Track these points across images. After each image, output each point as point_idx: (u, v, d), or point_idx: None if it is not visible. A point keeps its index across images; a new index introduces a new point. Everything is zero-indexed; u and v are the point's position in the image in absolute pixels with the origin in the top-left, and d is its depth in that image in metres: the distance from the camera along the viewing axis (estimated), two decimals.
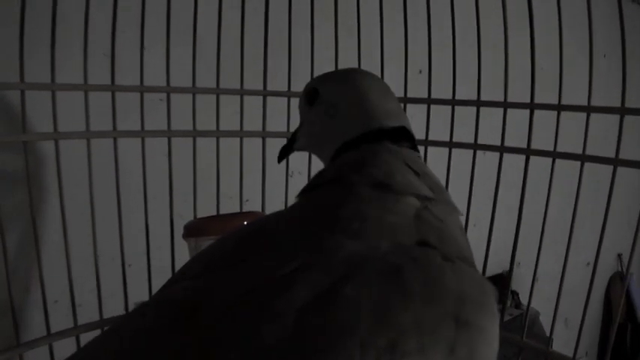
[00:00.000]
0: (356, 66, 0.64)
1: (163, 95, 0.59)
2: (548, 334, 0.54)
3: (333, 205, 0.35)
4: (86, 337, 0.53)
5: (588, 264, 1.37)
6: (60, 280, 0.54)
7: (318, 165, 0.65)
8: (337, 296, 0.26)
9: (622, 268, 1.91)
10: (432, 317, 0.27)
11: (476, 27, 0.58)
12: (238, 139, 0.63)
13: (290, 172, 0.66)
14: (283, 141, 0.64)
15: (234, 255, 0.32)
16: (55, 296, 0.58)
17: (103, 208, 0.56)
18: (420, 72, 0.62)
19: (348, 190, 0.35)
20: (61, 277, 0.54)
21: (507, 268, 0.63)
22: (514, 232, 0.56)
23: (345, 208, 0.34)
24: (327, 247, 0.30)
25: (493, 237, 0.57)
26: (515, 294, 1.46)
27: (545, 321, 1.43)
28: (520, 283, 1.45)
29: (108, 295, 0.56)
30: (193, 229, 0.56)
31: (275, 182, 0.65)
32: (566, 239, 0.53)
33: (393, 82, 0.62)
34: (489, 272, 0.55)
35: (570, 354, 0.52)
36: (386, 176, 0.35)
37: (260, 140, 0.64)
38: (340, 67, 0.64)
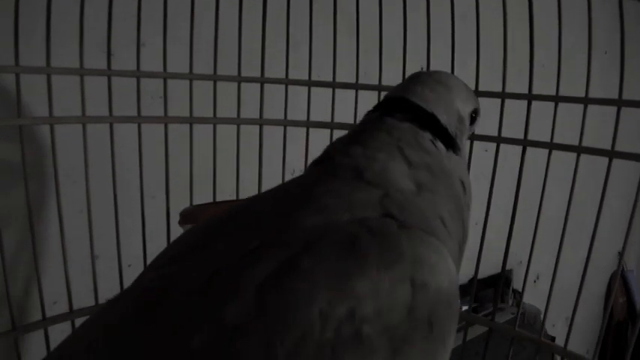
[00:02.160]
0: (354, 60, 0.63)
1: (161, 92, 0.59)
2: (549, 332, 0.54)
3: (309, 184, 0.35)
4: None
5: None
6: (60, 280, 0.54)
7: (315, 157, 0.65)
8: (295, 269, 0.27)
9: (623, 266, 1.90)
10: (388, 282, 0.27)
11: (475, 17, 0.58)
12: (235, 133, 0.63)
13: (292, 170, 0.66)
14: (281, 129, 0.65)
15: (203, 240, 0.32)
16: (54, 297, 0.59)
17: (100, 200, 0.56)
18: (422, 68, 0.62)
19: (330, 169, 0.36)
20: (60, 277, 0.54)
21: (508, 267, 0.62)
22: (517, 229, 0.56)
23: (317, 187, 0.34)
24: (290, 223, 0.31)
25: (494, 236, 0.57)
26: (516, 292, 1.45)
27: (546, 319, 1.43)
28: (520, 282, 1.44)
29: (108, 295, 0.56)
30: (189, 216, 0.56)
31: (272, 176, 0.65)
32: (569, 237, 0.53)
33: (392, 76, 0.63)
34: (489, 272, 0.55)
35: (570, 350, 0.52)
36: (364, 164, 0.36)
37: (257, 131, 0.64)
38: (339, 53, 0.64)
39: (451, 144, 0.39)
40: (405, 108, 0.39)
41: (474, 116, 0.44)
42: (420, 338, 0.28)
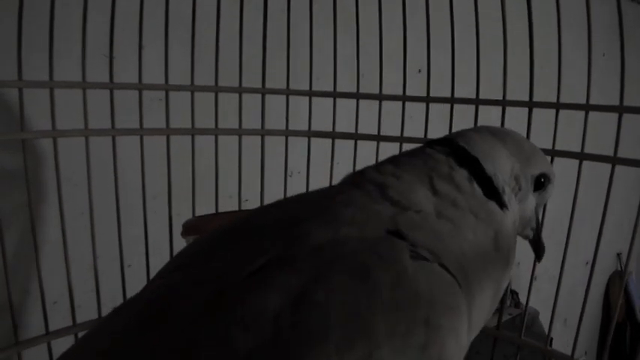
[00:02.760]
0: (354, 65, 0.64)
1: (162, 95, 0.59)
2: (547, 333, 0.54)
3: (331, 191, 0.36)
4: None
5: (587, 263, 1.38)
6: (59, 280, 0.54)
7: (317, 165, 0.65)
8: (309, 303, 0.27)
9: (621, 268, 1.91)
10: (403, 322, 0.27)
11: (475, 25, 0.58)
12: (237, 139, 0.63)
13: (289, 172, 0.66)
14: (282, 139, 0.65)
15: (210, 250, 0.32)
16: (54, 297, 0.58)
17: (102, 209, 0.56)
18: (420, 71, 0.62)
19: (357, 181, 0.36)
20: (60, 277, 0.54)
21: None
22: None
23: (336, 195, 0.34)
24: (300, 235, 0.30)
25: None
26: (514, 293, 1.46)
27: (544, 320, 1.43)
28: (519, 283, 1.45)
29: (108, 295, 0.56)
30: (192, 227, 0.56)
31: (274, 182, 0.65)
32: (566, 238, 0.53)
33: (392, 81, 0.63)
34: None
35: (569, 353, 0.52)
36: (390, 182, 0.35)
37: (259, 139, 0.64)
38: (339, 60, 0.64)
39: (495, 196, 0.37)
40: (450, 146, 0.38)
41: (542, 181, 0.41)
42: None
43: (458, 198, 0.35)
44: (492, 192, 0.37)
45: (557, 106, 0.54)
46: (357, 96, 0.64)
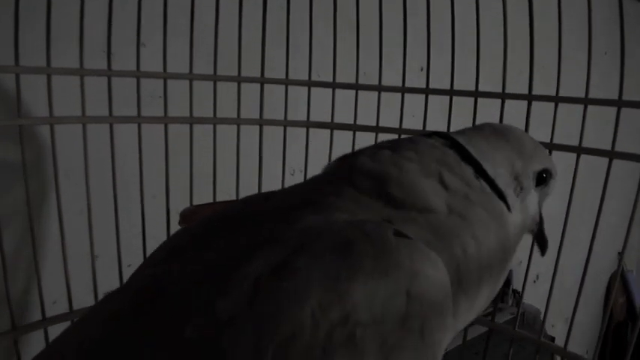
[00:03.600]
0: (354, 56, 0.63)
1: (161, 91, 0.59)
2: (548, 332, 0.54)
3: (322, 181, 0.36)
4: None
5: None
6: (59, 280, 0.54)
7: (315, 162, 0.65)
8: (289, 268, 0.27)
9: (623, 267, 1.90)
10: (384, 291, 0.27)
11: (475, 18, 0.58)
12: (235, 135, 0.63)
13: (291, 171, 0.66)
14: (280, 130, 0.65)
15: (201, 236, 0.33)
16: (54, 297, 0.59)
17: (101, 206, 0.56)
18: (422, 69, 0.62)
19: (346, 172, 0.36)
20: (60, 277, 0.54)
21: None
22: None
23: (322, 188, 0.34)
24: (289, 220, 0.31)
25: None
26: (516, 293, 1.45)
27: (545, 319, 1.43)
28: (520, 282, 1.44)
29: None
30: (189, 216, 0.56)
31: (272, 176, 0.65)
32: (568, 238, 0.53)
33: (392, 77, 0.63)
34: None
35: (571, 351, 0.52)
36: (390, 173, 0.34)
37: (257, 133, 0.64)
38: (339, 54, 0.64)
39: (501, 198, 0.36)
40: (451, 141, 0.37)
41: (543, 176, 0.41)
42: (411, 347, 0.28)
43: (470, 193, 0.34)
44: (497, 193, 0.36)
45: (556, 99, 0.54)
46: (357, 87, 0.64)
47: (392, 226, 0.31)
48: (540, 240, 0.43)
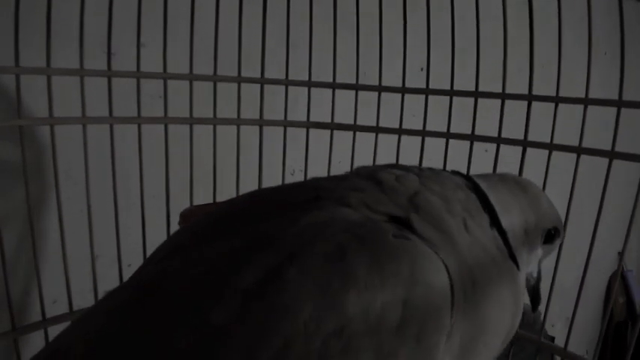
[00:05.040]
0: (354, 57, 0.63)
1: (162, 91, 0.59)
2: (548, 332, 0.54)
3: (330, 179, 0.36)
4: None
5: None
6: (59, 280, 0.54)
7: (316, 162, 0.65)
8: (280, 278, 0.27)
9: (623, 267, 1.90)
10: (379, 301, 0.27)
11: (475, 18, 0.58)
12: (235, 134, 0.63)
13: (291, 170, 0.66)
14: (280, 130, 0.65)
15: (204, 234, 0.33)
16: (53, 296, 0.59)
17: (101, 205, 0.56)
18: (422, 69, 0.62)
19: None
20: (59, 277, 0.54)
21: None
22: None
23: (327, 181, 0.35)
24: (285, 220, 0.31)
25: None
26: None
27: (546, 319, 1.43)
28: None
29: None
30: (189, 216, 0.56)
31: (272, 176, 0.65)
32: (568, 237, 0.53)
33: (392, 77, 0.63)
34: None
35: (571, 351, 0.52)
36: (418, 200, 0.34)
37: (257, 132, 0.64)
38: (339, 56, 0.64)
39: (510, 254, 0.36)
40: (473, 184, 0.37)
41: (552, 234, 0.41)
42: (407, 353, 0.28)
43: (486, 243, 0.35)
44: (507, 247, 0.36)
45: (557, 99, 0.54)
46: (357, 87, 0.64)
47: (392, 228, 0.31)
48: (535, 296, 0.43)
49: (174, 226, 0.57)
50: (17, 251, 0.64)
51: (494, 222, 0.36)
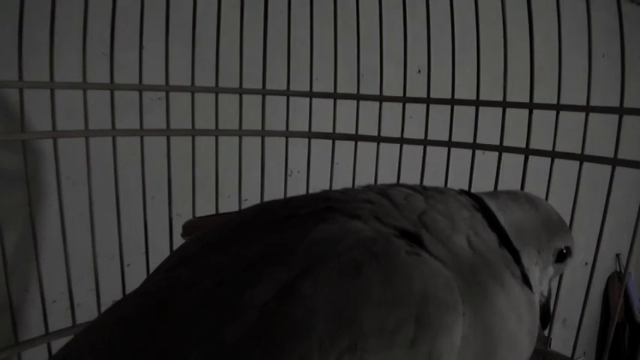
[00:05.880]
0: (354, 65, 0.64)
1: (162, 94, 0.59)
2: (545, 334, 0.54)
3: (341, 191, 0.36)
4: None
5: (586, 264, 1.38)
6: (59, 279, 0.54)
7: (317, 164, 0.65)
8: (295, 294, 0.27)
9: (620, 268, 1.91)
10: (393, 317, 0.27)
11: (475, 26, 0.58)
12: (237, 139, 0.63)
13: (289, 172, 0.66)
14: (282, 140, 0.65)
15: (215, 246, 0.33)
16: (53, 296, 0.58)
17: (102, 208, 0.56)
18: (419, 71, 0.62)
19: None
20: (59, 276, 0.54)
21: None
22: None
23: (342, 194, 0.35)
24: (298, 232, 0.31)
25: None
26: None
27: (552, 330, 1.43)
28: None
29: (107, 295, 0.56)
30: (192, 228, 0.56)
31: (274, 181, 0.65)
32: None
33: (392, 81, 0.63)
34: None
35: (568, 354, 0.52)
36: (423, 219, 0.34)
37: (259, 139, 0.64)
38: (339, 66, 0.64)
39: (521, 272, 0.36)
40: (481, 205, 0.37)
41: (564, 253, 0.40)
42: None
43: (493, 260, 0.34)
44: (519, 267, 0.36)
45: (558, 107, 0.54)
46: (358, 97, 0.64)
47: (404, 243, 0.31)
48: (545, 314, 0.43)
49: (177, 237, 0.56)
50: (17, 250, 0.64)
51: (504, 241, 0.36)
